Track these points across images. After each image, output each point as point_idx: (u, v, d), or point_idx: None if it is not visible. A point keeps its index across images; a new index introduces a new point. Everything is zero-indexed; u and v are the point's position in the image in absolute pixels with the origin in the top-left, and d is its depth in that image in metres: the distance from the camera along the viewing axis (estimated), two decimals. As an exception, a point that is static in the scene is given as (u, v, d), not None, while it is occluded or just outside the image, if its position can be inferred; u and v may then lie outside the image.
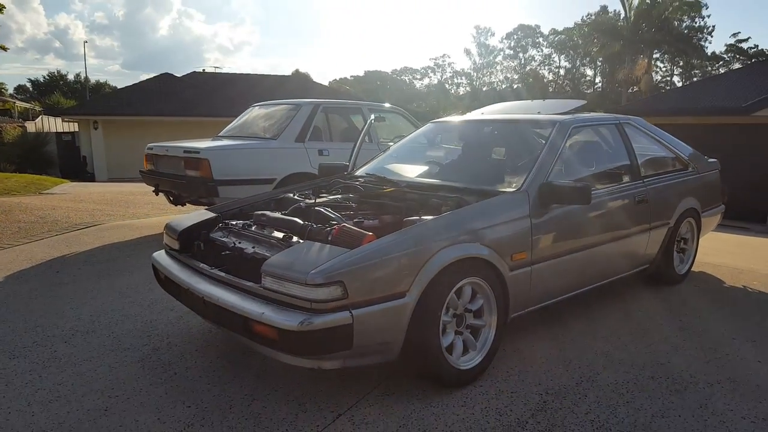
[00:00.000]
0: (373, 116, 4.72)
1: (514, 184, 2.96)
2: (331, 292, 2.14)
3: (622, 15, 25.52)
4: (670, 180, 3.88)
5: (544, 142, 3.16)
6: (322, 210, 2.81)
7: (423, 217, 2.67)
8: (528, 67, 52.23)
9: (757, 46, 46.76)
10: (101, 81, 58.21)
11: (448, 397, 2.47)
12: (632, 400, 2.47)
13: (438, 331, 2.43)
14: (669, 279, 4.02)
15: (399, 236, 2.41)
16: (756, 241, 7.77)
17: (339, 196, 3.23)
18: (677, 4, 23.16)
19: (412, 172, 3.52)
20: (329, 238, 2.44)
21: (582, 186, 2.78)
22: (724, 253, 5.64)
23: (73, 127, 23.53)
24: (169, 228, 2.99)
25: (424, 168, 3.57)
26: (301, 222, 2.68)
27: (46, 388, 2.54)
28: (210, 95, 22.48)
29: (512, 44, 52.60)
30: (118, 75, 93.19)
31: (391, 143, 5.79)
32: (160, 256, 2.99)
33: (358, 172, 3.77)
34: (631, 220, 3.47)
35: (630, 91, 29.59)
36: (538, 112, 3.64)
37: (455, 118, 4.14)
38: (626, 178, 3.54)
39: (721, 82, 15.28)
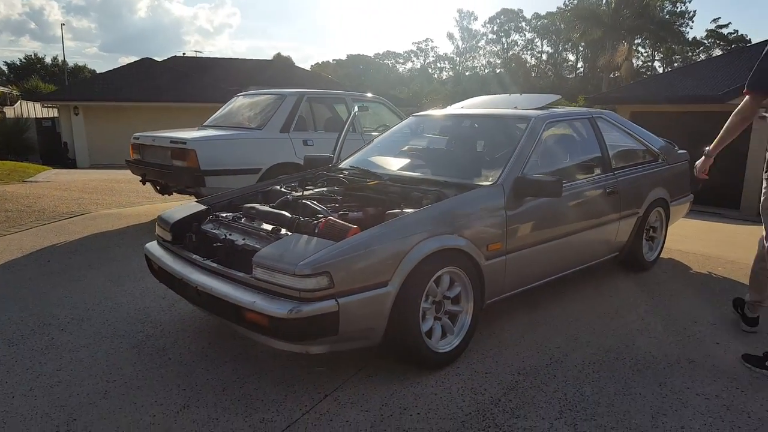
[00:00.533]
0: (356, 108, 4.85)
1: (490, 178, 3.12)
2: (318, 282, 2.28)
3: (604, 0, 25.77)
4: (639, 171, 4.08)
5: (519, 136, 3.32)
6: (308, 203, 2.96)
7: (404, 210, 2.82)
8: (511, 52, 52.35)
9: (737, 31, 47.53)
10: (79, 64, 57.18)
11: (427, 378, 2.65)
12: (597, 379, 2.68)
13: (418, 317, 2.59)
14: (638, 266, 4.24)
15: (382, 229, 2.56)
16: (726, 227, 8.07)
17: (324, 188, 3.37)
18: (657, -10, 23.49)
19: (394, 165, 3.67)
20: (316, 231, 2.59)
21: (554, 180, 2.94)
22: (693, 239, 5.90)
23: (53, 112, 23.20)
24: (161, 220, 3.11)
25: (405, 161, 3.71)
26: (289, 215, 2.82)
27: (46, 374, 2.66)
28: (191, 80, 22.29)
29: (495, 29, 52.69)
30: (95, 57, 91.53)
31: (375, 133, 5.94)
32: (153, 246, 3.11)
33: (343, 165, 3.91)
34: (601, 211, 3.66)
35: (612, 76, 29.94)
36: (515, 107, 3.79)
37: (436, 112, 4.28)
38: (597, 171, 3.72)
39: (700, 70, 15.55)
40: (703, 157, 3.21)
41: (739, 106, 2.92)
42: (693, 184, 4.71)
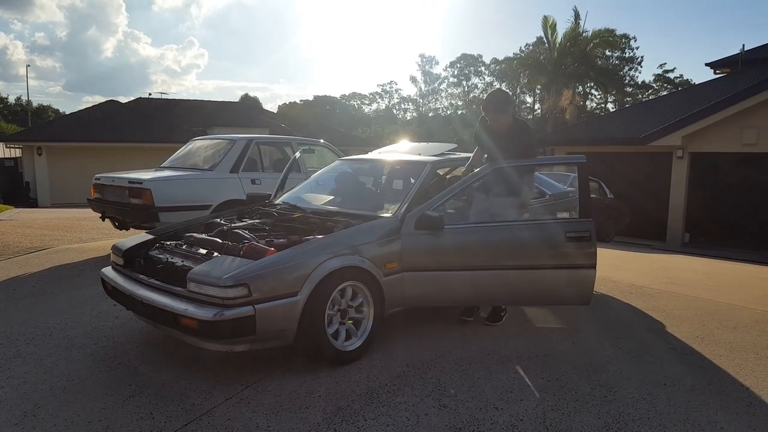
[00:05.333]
0: (297, 153, 5.56)
1: (390, 211, 3.84)
2: (238, 292, 2.92)
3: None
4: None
5: (417, 178, 4.06)
6: (239, 232, 3.61)
7: (317, 236, 3.50)
8: (471, 95, 54.39)
9: (682, 75, 50.64)
10: (43, 104, 57.04)
11: (333, 371, 3.28)
12: (468, 369, 3.35)
13: (324, 322, 3.23)
14: None
15: (293, 251, 3.23)
16: (638, 256, 8.97)
17: (257, 220, 4.03)
18: (597, 41, 25.42)
19: (317, 200, 4.37)
20: (240, 253, 3.24)
21: (437, 215, 3.65)
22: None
23: (16, 152, 23.36)
24: (115, 248, 3.71)
25: (327, 197, 4.42)
26: (220, 241, 3.47)
27: (15, 376, 3.20)
28: (156, 121, 22.87)
29: (456, 72, 54.78)
30: (60, 97, 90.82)
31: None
32: (108, 270, 3.71)
33: (277, 201, 4.59)
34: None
35: (567, 118, 31.87)
36: (419, 153, 4.55)
37: (357, 157, 5.03)
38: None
39: (632, 113, 16.95)
40: None
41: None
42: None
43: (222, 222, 4.05)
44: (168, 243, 3.68)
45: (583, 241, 3.84)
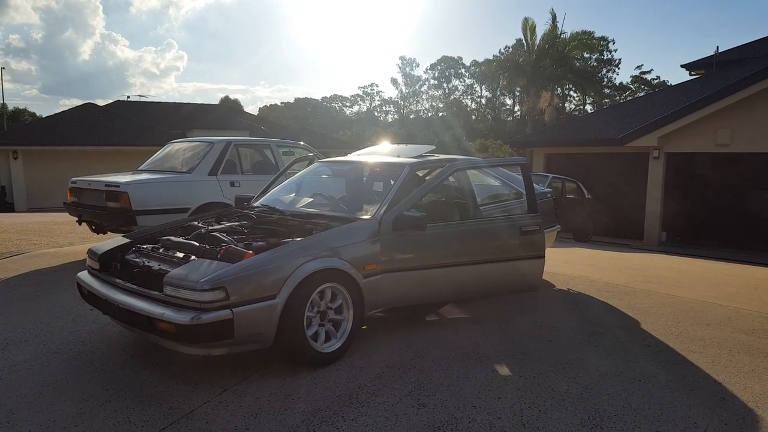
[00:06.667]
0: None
1: (369, 213, 3.85)
2: (215, 295, 2.91)
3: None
4: (504, 207, 4.92)
5: (396, 179, 4.07)
6: (217, 234, 3.59)
7: (296, 239, 3.50)
8: (452, 97, 54.65)
9: (659, 77, 51.49)
10: (19, 107, 55.75)
11: (312, 373, 3.28)
12: (447, 368, 3.38)
13: (303, 324, 3.23)
14: None
15: (272, 253, 3.23)
16: (615, 255, 9.10)
17: (236, 223, 4.02)
18: (575, 43, 25.79)
19: (296, 203, 4.36)
20: (218, 256, 3.23)
21: (418, 216, 3.68)
22: (573, 264, 6.81)
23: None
24: (91, 252, 3.67)
25: (305, 199, 4.41)
26: (198, 244, 3.45)
27: (-13, 383, 3.15)
28: (134, 124, 22.60)
29: (436, 74, 54.99)
30: (36, 100, 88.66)
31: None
32: (84, 275, 3.66)
33: (256, 203, 4.57)
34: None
35: (546, 119, 32.26)
36: (398, 155, 4.57)
37: (336, 159, 5.04)
38: (460, 208, 4.52)
39: (610, 114, 17.16)
40: None
41: None
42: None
43: (200, 225, 4.03)
44: (145, 247, 3.65)
45: (534, 234, 4.37)
